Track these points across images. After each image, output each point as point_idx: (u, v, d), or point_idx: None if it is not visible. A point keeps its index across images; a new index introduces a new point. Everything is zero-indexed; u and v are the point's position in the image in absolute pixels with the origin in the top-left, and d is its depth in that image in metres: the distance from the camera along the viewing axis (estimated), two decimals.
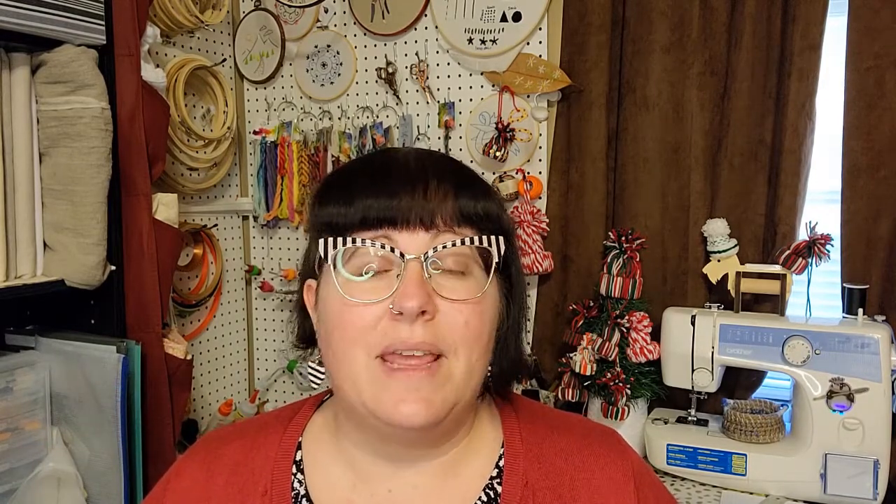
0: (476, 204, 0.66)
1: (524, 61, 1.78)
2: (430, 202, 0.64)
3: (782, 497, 1.46)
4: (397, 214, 0.64)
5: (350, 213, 0.65)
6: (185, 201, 1.91)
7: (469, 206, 0.65)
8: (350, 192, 0.66)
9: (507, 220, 0.71)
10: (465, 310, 0.63)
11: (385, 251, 0.63)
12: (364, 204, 0.64)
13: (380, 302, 0.62)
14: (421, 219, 0.64)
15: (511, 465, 0.70)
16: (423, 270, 0.63)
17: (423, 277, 0.62)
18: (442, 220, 0.64)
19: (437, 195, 0.65)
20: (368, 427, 0.67)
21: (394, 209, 0.64)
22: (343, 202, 0.66)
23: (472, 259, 0.66)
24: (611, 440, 0.74)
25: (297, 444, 0.74)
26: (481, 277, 0.66)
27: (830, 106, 1.60)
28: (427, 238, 0.64)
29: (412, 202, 0.64)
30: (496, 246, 0.66)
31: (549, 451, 0.71)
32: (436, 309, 0.62)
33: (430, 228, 0.64)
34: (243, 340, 2.17)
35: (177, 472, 0.75)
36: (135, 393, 1.40)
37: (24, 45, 1.30)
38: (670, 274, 1.74)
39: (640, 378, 1.65)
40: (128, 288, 1.47)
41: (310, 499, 0.70)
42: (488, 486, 0.69)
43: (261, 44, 2.05)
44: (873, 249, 1.55)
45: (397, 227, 0.64)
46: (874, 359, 1.41)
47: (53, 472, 1.39)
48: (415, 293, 0.61)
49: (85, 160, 1.32)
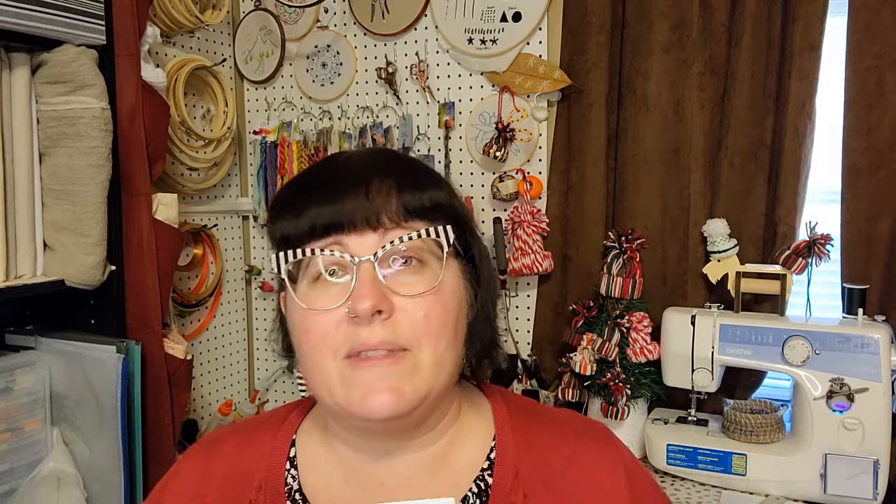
0: (421, 196, 0.66)
1: (524, 61, 1.78)
2: (373, 202, 0.64)
3: (782, 497, 1.46)
4: (343, 219, 0.64)
5: (299, 224, 0.66)
6: (185, 201, 1.91)
7: (413, 199, 0.66)
8: (298, 204, 0.67)
9: (460, 206, 0.71)
10: (423, 302, 0.64)
11: (335, 257, 0.64)
12: (310, 213, 0.65)
13: (337, 307, 0.63)
14: (367, 220, 0.64)
15: (502, 457, 0.70)
16: (375, 270, 0.63)
17: (375, 277, 0.63)
18: (388, 217, 0.64)
19: (380, 193, 0.65)
20: (350, 426, 0.68)
21: (339, 214, 0.64)
22: (292, 214, 0.66)
23: (427, 251, 0.66)
24: (601, 433, 0.75)
25: (292, 442, 0.75)
26: (437, 267, 0.66)
27: (830, 106, 1.60)
28: (376, 238, 0.64)
29: (355, 204, 0.64)
30: (444, 235, 0.65)
31: (539, 444, 0.72)
32: (392, 307, 0.63)
33: (377, 228, 0.64)
34: (243, 340, 2.17)
35: (175, 473, 0.77)
36: (135, 393, 1.40)
37: (24, 45, 1.31)
38: (670, 274, 1.74)
39: (640, 378, 1.65)
40: (128, 288, 1.47)
41: (303, 493, 0.71)
42: (479, 478, 0.70)
43: (261, 44, 2.05)
44: (873, 249, 1.55)
45: (346, 232, 0.64)
46: (874, 359, 1.41)
47: (53, 472, 1.39)
48: (367, 294, 0.61)
49: (85, 160, 1.32)
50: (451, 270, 0.67)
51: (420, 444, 0.70)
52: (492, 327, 0.73)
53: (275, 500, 0.70)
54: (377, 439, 0.69)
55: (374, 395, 0.62)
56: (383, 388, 0.62)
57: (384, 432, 0.68)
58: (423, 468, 0.70)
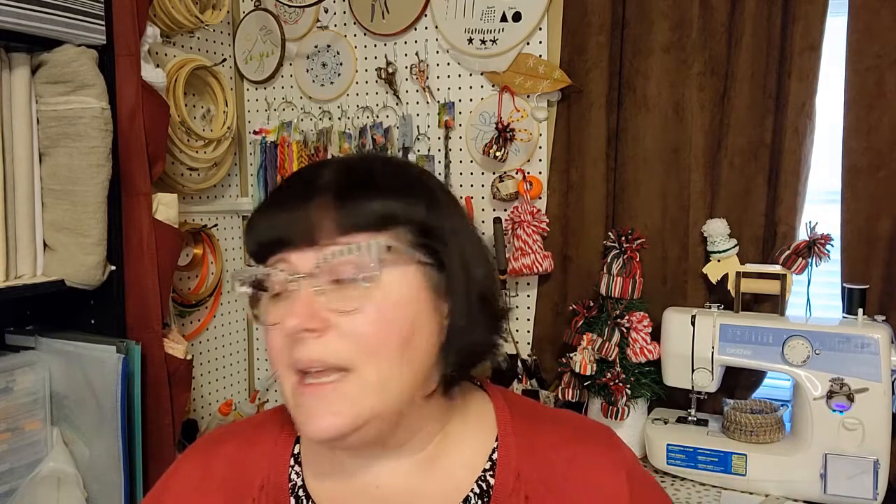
0: (360, 209, 0.62)
1: (524, 61, 1.78)
2: (310, 217, 0.62)
3: (782, 497, 1.46)
4: (283, 235, 0.63)
5: (251, 241, 0.66)
6: (185, 201, 1.91)
7: (350, 214, 0.62)
8: (254, 220, 0.67)
9: (422, 210, 0.65)
10: (359, 319, 0.61)
11: (274, 276, 0.63)
12: (258, 229, 0.65)
13: (277, 325, 0.63)
14: (304, 236, 0.62)
15: (504, 458, 0.70)
16: (313, 286, 0.61)
17: (307, 295, 0.61)
18: (325, 233, 0.62)
19: (319, 208, 0.62)
20: None
21: (278, 230, 0.64)
22: (250, 231, 0.67)
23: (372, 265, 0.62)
24: (603, 435, 0.74)
25: (296, 439, 0.75)
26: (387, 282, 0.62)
27: (830, 106, 1.60)
28: (313, 254, 0.62)
29: (292, 220, 0.63)
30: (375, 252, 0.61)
31: (541, 445, 0.71)
32: (325, 325, 0.61)
33: (315, 244, 0.62)
34: (243, 340, 2.17)
35: (175, 471, 0.77)
36: (135, 393, 1.40)
37: (24, 45, 1.31)
38: (670, 274, 1.74)
39: (640, 378, 1.65)
40: (128, 288, 1.47)
41: (307, 490, 0.71)
42: (481, 479, 0.70)
43: (261, 44, 2.05)
44: (873, 249, 1.55)
45: (288, 249, 0.63)
46: (874, 359, 1.41)
47: (53, 472, 1.40)
48: (295, 311, 0.61)
49: (85, 160, 1.32)
50: (403, 282, 0.63)
51: (405, 450, 0.69)
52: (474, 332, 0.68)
53: (278, 498, 0.71)
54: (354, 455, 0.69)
55: (314, 420, 0.62)
56: (322, 413, 0.62)
57: (345, 448, 0.67)
58: (417, 471, 0.70)
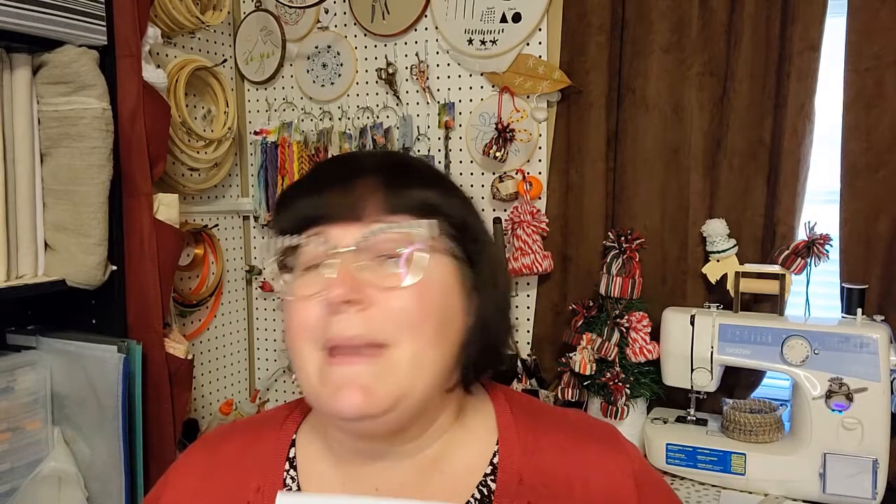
0: (408, 193, 0.66)
1: (524, 62, 1.79)
2: (357, 194, 0.65)
3: (781, 496, 1.46)
4: (326, 210, 0.65)
5: (289, 216, 0.67)
6: (186, 201, 1.92)
7: (399, 196, 0.65)
8: (290, 198, 0.68)
9: (460, 209, 0.69)
10: (402, 295, 0.62)
11: (315, 247, 0.64)
12: (298, 205, 0.67)
13: (316, 295, 0.63)
14: (352, 210, 0.64)
15: (505, 462, 0.69)
16: (355, 261, 0.63)
17: (351, 268, 0.62)
18: (374, 209, 0.64)
19: (366, 188, 0.65)
20: (334, 424, 0.68)
21: (323, 206, 0.65)
22: (286, 209, 0.68)
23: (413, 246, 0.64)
24: (609, 437, 0.73)
25: (292, 442, 0.74)
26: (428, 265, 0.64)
27: (830, 106, 1.60)
28: (358, 229, 0.64)
29: (339, 197, 0.65)
30: (427, 229, 0.64)
31: (545, 448, 0.70)
32: (368, 298, 0.62)
33: (360, 220, 0.64)
34: (244, 340, 2.18)
35: (174, 472, 0.76)
36: (136, 392, 1.40)
37: (25, 46, 1.31)
38: (670, 274, 1.74)
39: (640, 378, 1.65)
40: (129, 288, 1.47)
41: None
42: (482, 483, 0.68)
43: (261, 44, 2.06)
44: (872, 249, 1.55)
45: (329, 223, 0.65)
46: (873, 358, 1.41)
47: (54, 472, 1.40)
48: (340, 281, 0.61)
49: (86, 160, 1.33)
50: (440, 268, 0.65)
51: (410, 449, 0.68)
52: (494, 336, 0.71)
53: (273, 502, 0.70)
54: (362, 441, 0.68)
55: (344, 393, 0.61)
56: (354, 385, 0.61)
57: (365, 434, 0.66)
58: (417, 473, 0.68)
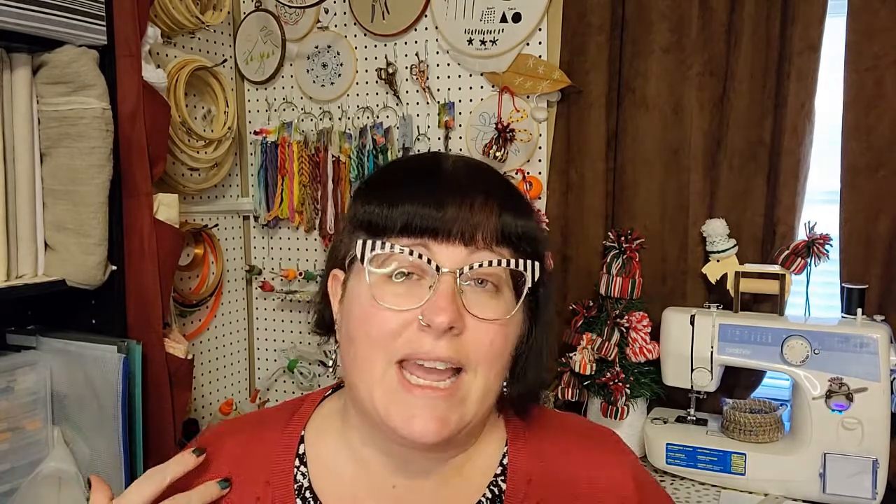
0: (517, 223, 0.65)
1: (524, 62, 1.78)
2: (473, 217, 0.63)
3: (781, 496, 1.46)
4: (439, 226, 0.63)
5: (392, 216, 0.64)
6: (186, 201, 1.92)
7: (511, 224, 0.65)
8: (395, 195, 0.65)
9: (544, 242, 0.70)
10: (491, 329, 0.63)
11: (421, 261, 0.63)
12: (407, 209, 0.64)
13: (410, 310, 0.62)
14: (462, 233, 0.63)
15: (514, 464, 0.71)
16: (456, 285, 0.62)
17: (455, 292, 0.62)
18: (482, 237, 0.63)
19: (483, 211, 0.64)
20: (377, 429, 0.67)
21: (437, 220, 0.63)
22: (387, 203, 0.65)
23: (505, 280, 0.65)
24: (610, 440, 0.76)
25: (300, 438, 0.74)
26: (510, 298, 0.66)
27: (830, 106, 1.60)
28: (465, 253, 0.63)
29: (456, 215, 0.63)
30: (531, 271, 0.65)
31: (550, 450, 0.72)
32: (464, 326, 0.62)
33: (469, 244, 0.63)
34: (244, 340, 2.18)
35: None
36: (136, 392, 1.40)
37: (25, 46, 1.31)
38: (670, 274, 1.74)
39: (640, 378, 1.65)
40: (129, 288, 1.47)
41: (313, 491, 0.71)
42: (492, 484, 0.70)
43: (261, 44, 2.06)
44: (872, 249, 1.55)
45: (437, 239, 0.63)
46: (873, 358, 1.41)
47: (54, 472, 1.40)
48: (446, 308, 0.60)
49: (86, 160, 1.33)
50: (524, 305, 0.67)
51: (444, 458, 0.70)
52: (542, 367, 0.72)
53: (284, 498, 0.70)
54: (404, 449, 0.68)
55: (419, 421, 0.62)
56: (430, 416, 0.62)
57: (414, 449, 0.67)
58: (439, 476, 0.70)
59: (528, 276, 0.65)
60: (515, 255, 0.65)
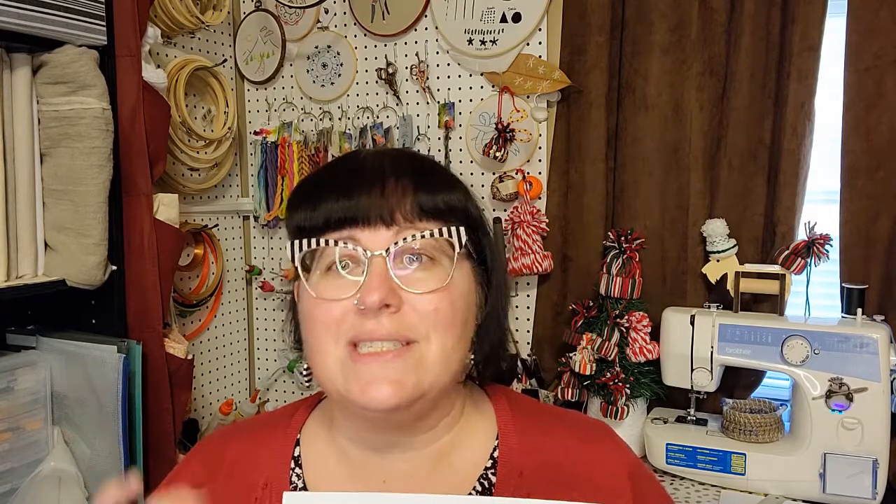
0: (436, 197, 0.68)
1: (524, 62, 1.79)
2: (388, 199, 0.66)
3: (781, 496, 1.46)
4: (358, 214, 0.66)
5: (315, 216, 0.68)
6: (186, 201, 1.92)
7: (428, 200, 0.67)
8: (314, 197, 0.69)
9: (475, 209, 0.72)
10: (433, 298, 0.65)
11: (348, 249, 0.65)
12: (328, 206, 0.67)
13: (347, 298, 0.65)
14: (381, 216, 0.66)
15: (505, 456, 0.71)
16: (387, 265, 0.64)
17: (386, 272, 0.64)
18: (402, 215, 0.66)
19: (396, 192, 0.67)
20: (353, 416, 0.69)
21: (354, 209, 0.66)
22: (309, 207, 0.68)
23: (438, 250, 0.67)
24: (604, 433, 0.76)
25: (296, 441, 0.76)
26: (449, 266, 0.67)
27: (829, 106, 1.60)
28: (389, 234, 0.66)
29: (370, 201, 0.66)
30: (456, 237, 0.67)
31: (543, 443, 0.73)
32: (401, 301, 0.64)
33: (392, 225, 0.66)
34: (244, 340, 2.18)
35: (177, 474, 0.78)
36: (136, 392, 1.40)
37: (25, 46, 1.31)
38: (669, 274, 1.74)
39: (640, 378, 1.65)
40: (129, 288, 1.47)
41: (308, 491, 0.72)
42: (482, 477, 0.71)
43: (261, 44, 2.06)
44: (872, 249, 1.55)
45: (360, 226, 0.66)
46: (873, 358, 1.41)
47: (54, 472, 1.40)
48: (378, 287, 0.63)
49: (86, 160, 1.33)
50: (462, 271, 0.69)
51: (422, 441, 0.71)
52: (501, 331, 0.74)
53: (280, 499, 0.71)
54: (378, 433, 0.70)
55: (375, 386, 0.63)
56: (385, 379, 0.63)
57: (385, 425, 0.69)
58: (425, 466, 0.71)
59: (456, 241, 0.67)
60: (443, 225, 0.67)
